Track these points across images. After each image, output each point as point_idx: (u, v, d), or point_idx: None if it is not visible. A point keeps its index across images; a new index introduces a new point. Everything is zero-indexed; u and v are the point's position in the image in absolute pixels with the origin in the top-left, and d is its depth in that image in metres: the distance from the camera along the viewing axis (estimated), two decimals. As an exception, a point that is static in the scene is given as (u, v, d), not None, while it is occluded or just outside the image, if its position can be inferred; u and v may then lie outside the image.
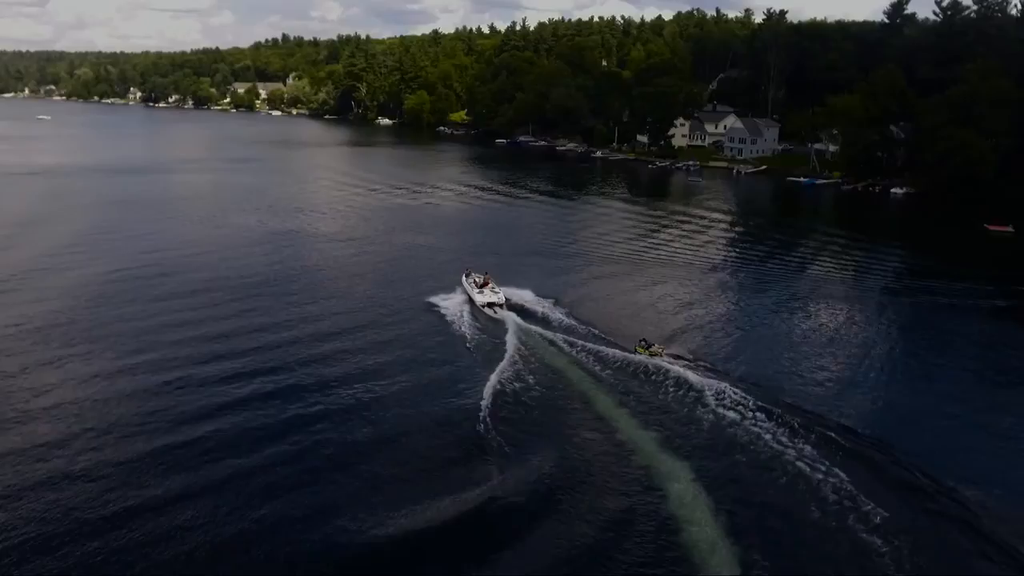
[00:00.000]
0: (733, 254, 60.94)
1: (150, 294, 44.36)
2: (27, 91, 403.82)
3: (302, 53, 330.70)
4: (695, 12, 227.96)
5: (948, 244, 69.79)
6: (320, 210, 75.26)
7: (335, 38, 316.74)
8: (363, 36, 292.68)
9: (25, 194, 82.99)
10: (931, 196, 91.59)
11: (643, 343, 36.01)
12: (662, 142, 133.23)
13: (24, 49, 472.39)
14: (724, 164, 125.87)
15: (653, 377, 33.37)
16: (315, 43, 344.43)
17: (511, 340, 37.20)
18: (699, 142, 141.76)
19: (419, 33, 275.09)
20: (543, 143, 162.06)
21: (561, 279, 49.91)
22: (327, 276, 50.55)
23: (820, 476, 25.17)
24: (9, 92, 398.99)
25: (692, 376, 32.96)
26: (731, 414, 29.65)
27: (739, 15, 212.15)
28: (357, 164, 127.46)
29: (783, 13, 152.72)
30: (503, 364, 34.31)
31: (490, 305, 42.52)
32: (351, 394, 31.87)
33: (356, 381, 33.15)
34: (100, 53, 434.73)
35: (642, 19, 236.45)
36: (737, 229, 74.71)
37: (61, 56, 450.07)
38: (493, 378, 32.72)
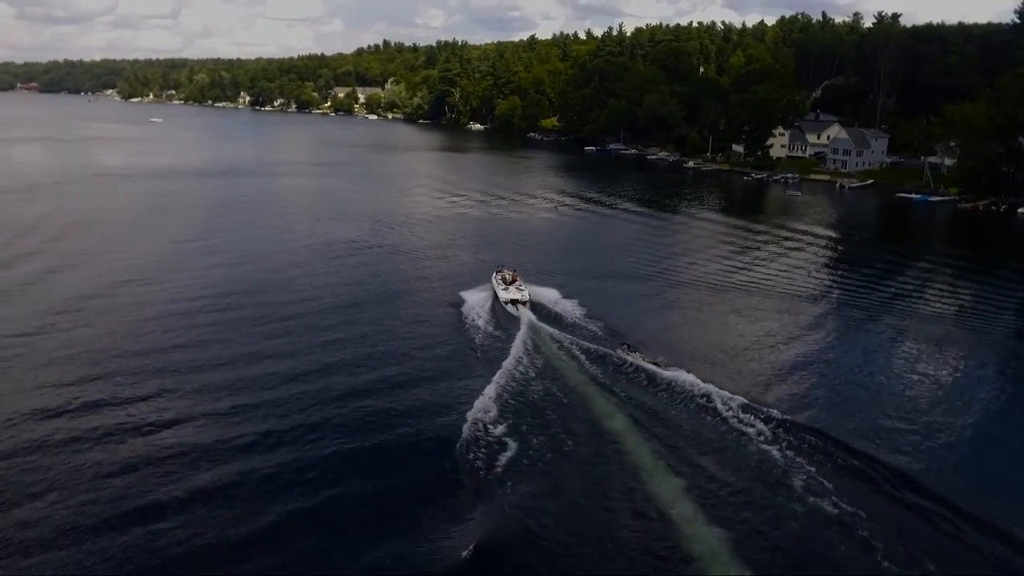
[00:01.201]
0: (829, 281, 55.06)
1: (192, 320, 40.39)
2: (151, 96, 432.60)
3: (402, 58, 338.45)
4: (800, 16, 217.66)
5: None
6: (393, 219, 73.66)
7: (434, 44, 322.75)
8: (461, 42, 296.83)
9: (113, 197, 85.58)
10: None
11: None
12: (759, 152, 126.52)
13: (154, 57, 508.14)
14: (826, 177, 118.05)
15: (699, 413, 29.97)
16: (415, 48, 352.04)
17: (519, 343, 36.46)
18: (799, 153, 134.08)
19: (517, 39, 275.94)
20: (634, 151, 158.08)
21: (631, 308, 45.95)
22: (368, 296, 46.46)
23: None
24: (136, 97, 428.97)
25: (729, 401, 30.21)
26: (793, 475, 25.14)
27: (847, 19, 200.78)
28: (443, 170, 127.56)
29: (896, 16, 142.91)
30: (505, 368, 33.16)
31: (513, 302, 42.95)
32: (327, 402, 30.83)
33: (337, 388, 32.26)
34: (218, 60, 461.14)
35: (743, 24, 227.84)
36: (836, 251, 68.45)
37: (184, 63, 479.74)
38: (489, 388, 31.08)
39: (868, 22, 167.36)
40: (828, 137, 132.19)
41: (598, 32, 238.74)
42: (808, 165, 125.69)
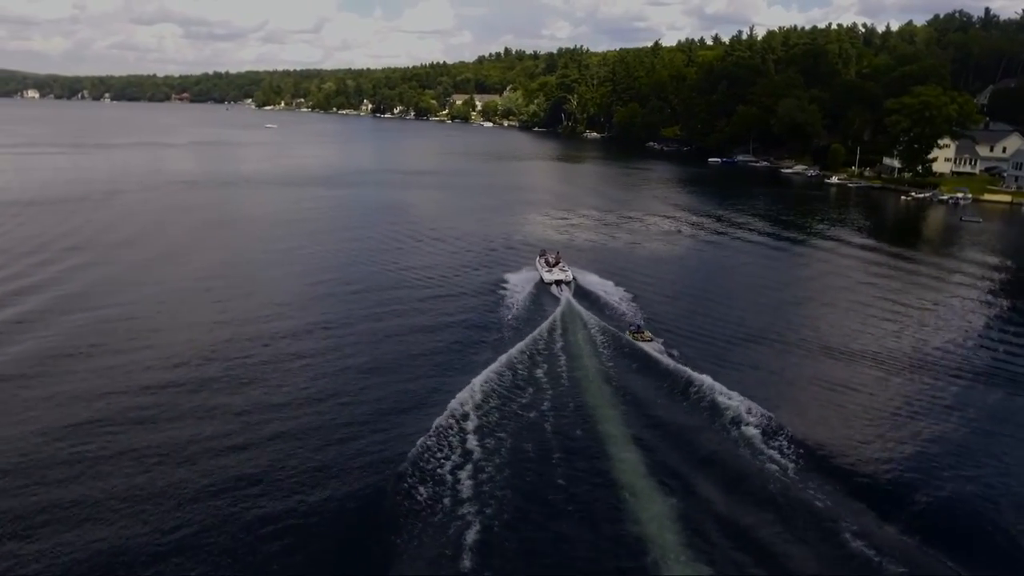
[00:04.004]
0: (1012, 351, 37.89)
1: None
2: (282, 104, 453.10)
3: (522, 66, 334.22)
4: (957, 15, 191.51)
5: None
6: (475, 244, 61.80)
7: (554, 51, 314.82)
8: (583, 48, 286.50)
9: (162, 205, 79.21)
10: None
11: (634, 327, 36.12)
12: (920, 167, 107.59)
13: (296, 68, 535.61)
14: (1006, 198, 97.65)
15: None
16: (535, 56, 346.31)
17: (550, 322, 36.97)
18: (967, 168, 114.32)
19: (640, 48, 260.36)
20: (764, 164, 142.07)
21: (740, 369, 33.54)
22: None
23: None
24: (269, 105, 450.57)
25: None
26: None
27: (1016, 14, 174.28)
28: (553, 183, 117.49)
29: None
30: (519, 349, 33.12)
31: (557, 283, 44.46)
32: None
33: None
34: (349, 70, 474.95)
35: (887, 27, 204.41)
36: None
37: (318, 73, 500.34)
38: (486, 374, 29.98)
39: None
40: (1004, 149, 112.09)
41: (726, 38, 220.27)
42: (980, 183, 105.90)
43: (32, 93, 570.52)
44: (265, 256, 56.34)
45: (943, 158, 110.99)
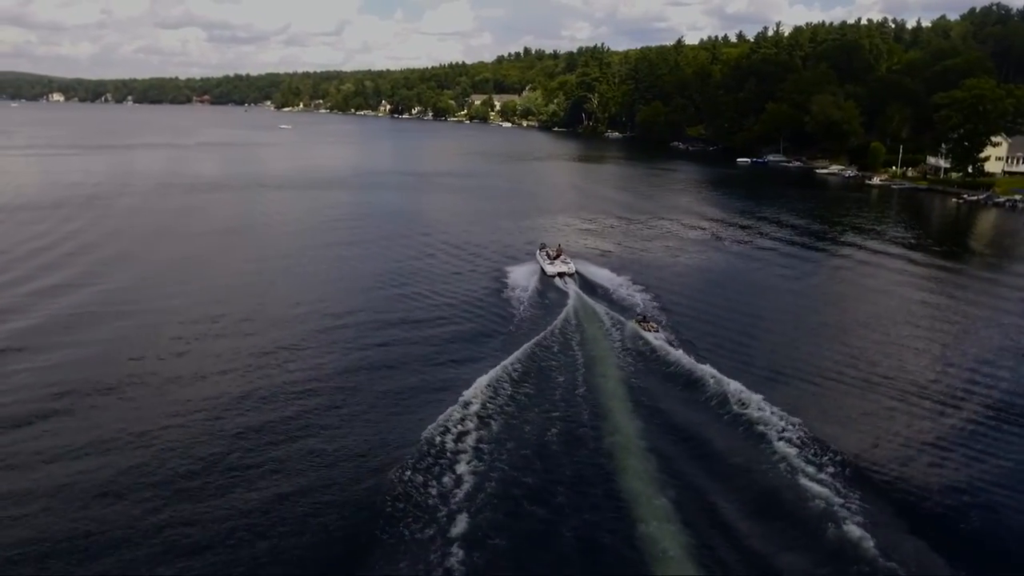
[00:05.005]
0: None
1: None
2: (301, 105, 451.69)
3: (541, 65, 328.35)
4: (994, 8, 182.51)
5: None
6: (490, 247, 57.53)
7: (574, 51, 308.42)
8: (604, 47, 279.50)
9: (155, 211, 74.25)
10: None
11: (640, 317, 35.49)
12: (970, 167, 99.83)
13: (317, 71, 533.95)
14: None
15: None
16: (554, 56, 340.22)
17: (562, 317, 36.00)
18: (1021, 167, 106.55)
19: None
20: (797, 164, 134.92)
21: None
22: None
23: None
24: (288, 107, 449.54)
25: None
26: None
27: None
28: (574, 184, 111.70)
29: None
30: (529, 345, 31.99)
31: (560, 275, 43.89)
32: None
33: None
34: (368, 71, 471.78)
35: (918, 22, 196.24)
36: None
37: (338, 75, 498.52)
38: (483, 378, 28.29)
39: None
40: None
41: (750, 36, 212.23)
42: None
43: (57, 96, 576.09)
44: (262, 254, 51.31)
45: (994, 157, 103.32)
